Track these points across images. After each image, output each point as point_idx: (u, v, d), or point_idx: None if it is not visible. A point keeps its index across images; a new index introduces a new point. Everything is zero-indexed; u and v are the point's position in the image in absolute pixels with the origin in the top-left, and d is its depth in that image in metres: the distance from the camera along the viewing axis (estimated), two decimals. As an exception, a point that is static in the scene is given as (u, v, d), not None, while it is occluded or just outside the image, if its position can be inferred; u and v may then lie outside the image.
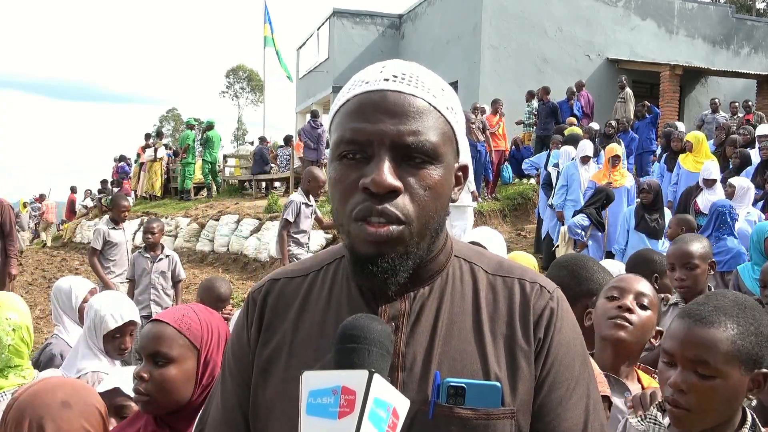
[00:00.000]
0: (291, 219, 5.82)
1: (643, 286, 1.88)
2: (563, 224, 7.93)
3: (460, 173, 1.03)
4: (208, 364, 1.63)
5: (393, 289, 0.96)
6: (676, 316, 1.42)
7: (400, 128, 0.92)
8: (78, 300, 3.27)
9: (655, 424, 1.44)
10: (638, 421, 1.48)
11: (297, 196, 6.04)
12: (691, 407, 1.31)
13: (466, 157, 1.04)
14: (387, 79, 0.95)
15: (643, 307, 1.83)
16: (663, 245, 6.22)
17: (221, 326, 1.69)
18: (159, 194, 16.87)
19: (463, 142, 1.02)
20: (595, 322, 1.90)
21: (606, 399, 1.54)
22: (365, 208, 0.91)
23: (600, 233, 7.52)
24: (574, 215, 7.63)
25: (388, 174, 0.90)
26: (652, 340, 1.90)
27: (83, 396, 1.62)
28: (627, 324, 1.79)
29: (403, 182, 0.92)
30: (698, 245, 2.94)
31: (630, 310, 1.81)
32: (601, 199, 7.42)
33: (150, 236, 5.64)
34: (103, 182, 19.24)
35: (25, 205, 20.39)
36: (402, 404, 0.82)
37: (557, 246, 7.90)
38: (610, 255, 7.19)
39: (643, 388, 1.80)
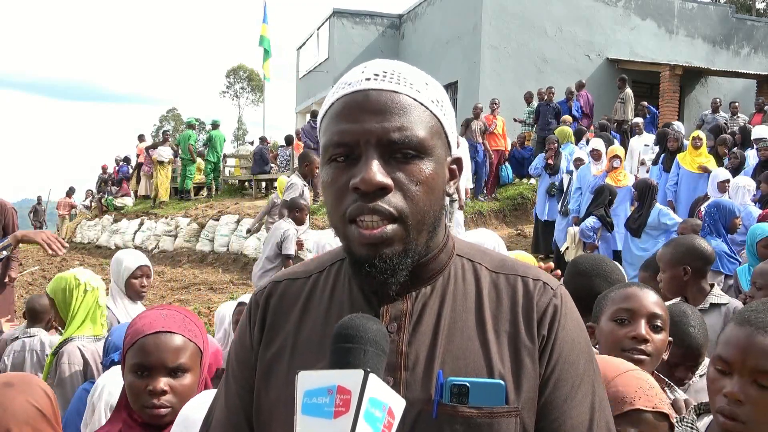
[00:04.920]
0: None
1: (655, 303, 1.70)
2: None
3: (454, 166, 1.02)
4: (205, 364, 1.64)
5: (394, 288, 0.96)
6: (734, 323, 1.32)
7: (385, 125, 0.92)
8: (126, 273, 3.28)
9: (691, 428, 1.39)
10: (675, 425, 1.42)
11: (296, 178, 6.30)
12: (747, 420, 1.22)
13: (461, 152, 1.02)
14: (368, 79, 0.95)
15: (657, 329, 1.67)
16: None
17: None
18: (164, 198, 16.05)
19: (453, 135, 1.01)
20: (603, 348, 1.71)
21: (665, 417, 1.33)
22: (357, 208, 0.91)
23: (610, 234, 7.51)
24: (584, 218, 7.62)
25: (376, 172, 0.90)
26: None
27: (26, 379, 1.60)
28: (644, 357, 1.62)
29: (393, 179, 0.92)
30: (663, 249, 2.94)
31: (646, 340, 1.63)
32: (605, 197, 7.42)
33: (302, 212, 5.68)
34: (100, 182, 19.12)
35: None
36: (397, 404, 0.82)
37: (567, 248, 7.88)
38: (616, 255, 7.24)
39: None
